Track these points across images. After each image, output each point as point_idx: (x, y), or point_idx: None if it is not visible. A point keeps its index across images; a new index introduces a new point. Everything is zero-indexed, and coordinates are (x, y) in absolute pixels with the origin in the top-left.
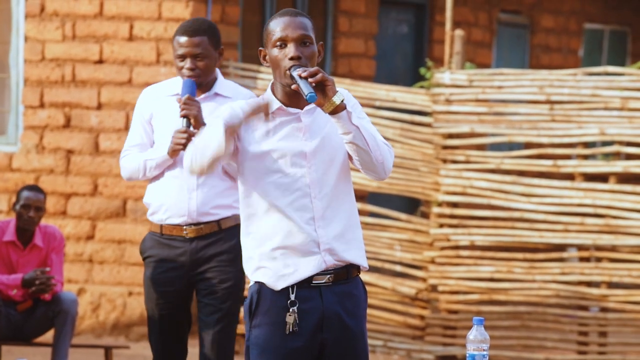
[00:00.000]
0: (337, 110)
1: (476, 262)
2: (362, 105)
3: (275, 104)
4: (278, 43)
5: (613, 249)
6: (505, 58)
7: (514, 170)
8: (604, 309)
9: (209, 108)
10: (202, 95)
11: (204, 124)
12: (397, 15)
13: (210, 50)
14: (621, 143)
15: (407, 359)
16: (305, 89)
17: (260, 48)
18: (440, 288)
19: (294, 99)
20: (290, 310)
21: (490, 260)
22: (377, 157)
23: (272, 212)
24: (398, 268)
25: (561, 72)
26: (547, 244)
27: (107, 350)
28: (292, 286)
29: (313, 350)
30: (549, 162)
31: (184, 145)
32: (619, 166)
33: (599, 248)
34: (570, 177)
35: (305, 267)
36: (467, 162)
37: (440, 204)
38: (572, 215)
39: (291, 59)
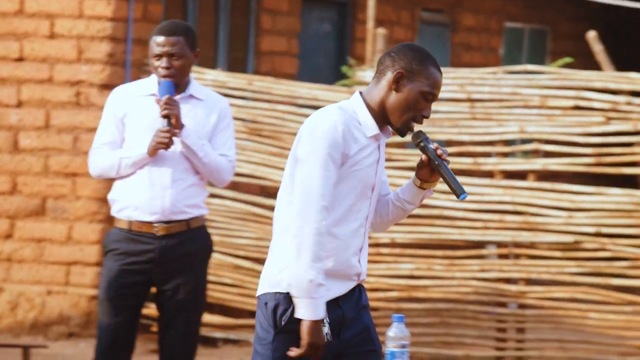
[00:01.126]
0: (426, 187)
1: (396, 259)
2: (284, 103)
3: (374, 127)
4: (428, 95)
5: (532, 245)
6: None
7: None
8: (522, 306)
9: (183, 110)
10: (177, 97)
11: (183, 125)
12: (319, 14)
13: (186, 50)
14: (540, 141)
15: None
16: (456, 185)
17: (402, 70)
18: None
19: (382, 124)
20: (324, 321)
21: (410, 258)
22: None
23: (348, 232)
24: None
25: (482, 71)
26: (467, 241)
27: (25, 349)
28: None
29: (329, 355)
30: (469, 159)
31: (167, 145)
32: (538, 164)
33: (517, 245)
34: (490, 174)
35: (338, 290)
36: (389, 159)
37: None
38: (491, 212)
39: (424, 116)
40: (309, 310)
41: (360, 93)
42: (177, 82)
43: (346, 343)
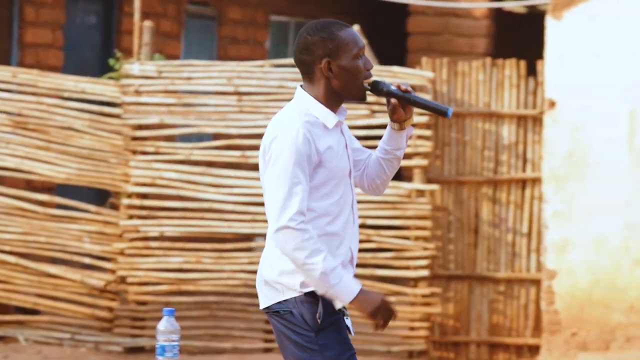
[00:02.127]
0: (408, 124)
1: (165, 253)
2: (50, 96)
3: (333, 118)
4: (359, 55)
5: None
6: (193, 49)
7: (203, 161)
8: None
9: None
10: None
11: None
12: (84, 6)
13: None
14: None
15: (95, 352)
16: (441, 107)
17: (327, 59)
18: (129, 279)
19: (336, 109)
20: (345, 313)
21: (180, 251)
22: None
23: (331, 232)
24: (87, 260)
25: (249, 64)
26: (236, 234)
27: None
28: None
29: None
30: (238, 153)
31: None
32: None
33: None
34: (257, 167)
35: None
36: (157, 153)
37: (129, 196)
38: (259, 205)
39: (367, 70)
40: (343, 294)
41: (302, 86)
42: None
43: None
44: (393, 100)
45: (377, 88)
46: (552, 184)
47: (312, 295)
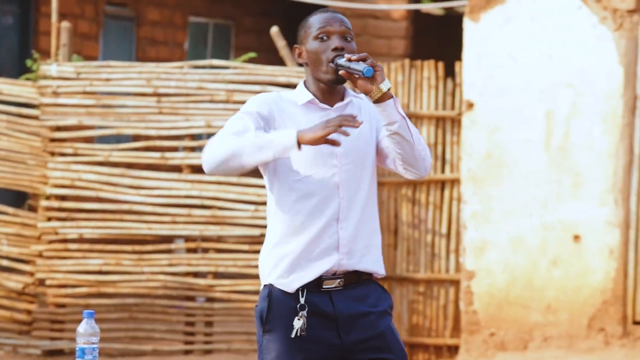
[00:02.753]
0: (383, 98)
1: (85, 255)
2: None
3: (307, 95)
4: (320, 36)
5: (219, 239)
6: (112, 51)
7: (122, 163)
8: (210, 299)
9: None
10: None
11: None
12: (1, 7)
13: None
14: None
15: (14, 355)
16: (360, 66)
17: (296, 45)
18: (48, 282)
19: (327, 95)
20: (300, 314)
21: (99, 253)
22: (419, 151)
23: (298, 212)
24: (4, 262)
25: (168, 65)
26: (156, 235)
27: None
28: (302, 290)
29: (333, 353)
30: (157, 154)
31: None
32: None
33: (205, 239)
34: (178, 168)
35: (317, 269)
36: (75, 154)
37: (48, 197)
38: (179, 206)
39: (335, 49)
40: (284, 142)
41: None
42: None
43: (351, 347)
44: (341, 72)
45: (336, 67)
46: (470, 185)
47: (267, 292)
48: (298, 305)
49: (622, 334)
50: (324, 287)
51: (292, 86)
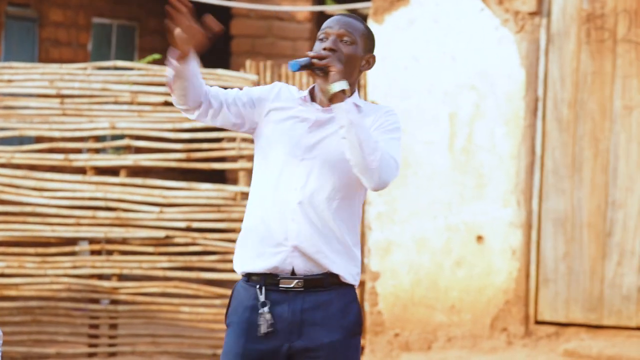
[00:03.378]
0: (334, 99)
1: None
2: None
3: (304, 92)
4: (321, 37)
5: (124, 241)
6: (14, 51)
7: (25, 165)
8: (114, 302)
9: None
10: None
11: None
12: None
13: None
14: (131, 137)
15: None
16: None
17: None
18: None
19: (326, 79)
20: (260, 310)
21: (1, 256)
22: (370, 162)
23: (260, 198)
24: None
25: (71, 66)
26: (59, 237)
27: None
28: (261, 287)
29: (278, 356)
30: (61, 156)
31: None
32: (130, 159)
33: (110, 241)
34: (82, 170)
35: (268, 261)
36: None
37: None
38: (84, 208)
39: (324, 49)
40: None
41: None
42: None
43: (297, 354)
44: (303, 70)
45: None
46: None
47: (233, 287)
48: (260, 303)
49: (524, 333)
50: (280, 286)
51: None
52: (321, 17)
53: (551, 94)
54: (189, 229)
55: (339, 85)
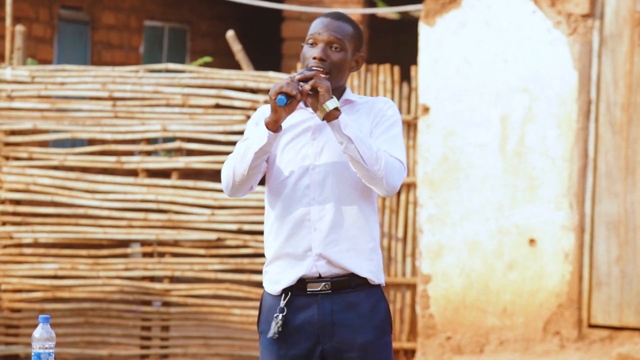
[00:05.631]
0: (329, 117)
1: (40, 259)
2: None
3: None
4: (309, 41)
5: (175, 243)
6: (67, 54)
7: (77, 167)
8: (166, 304)
9: None
10: None
11: None
12: None
13: None
14: (183, 139)
15: None
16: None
17: (302, 44)
18: (3, 287)
19: (317, 98)
20: (275, 314)
21: (54, 258)
22: (375, 172)
23: (278, 213)
24: None
25: (123, 69)
26: (111, 240)
27: None
28: (287, 293)
29: (312, 359)
30: (113, 158)
31: None
32: (181, 162)
33: (161, 243)
34: (133, 173)
35: (295, 272)
36: (30, 159)
37: (2, 202)
38: (135, 211)
39: (314, 58)
40: (257, 135)
41: None
42: None
43: (329, 356)
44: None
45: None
46: (426, 189)
47: (261, 295)
48: (278, 308)
49: (577, 337)
50: (308, 290)
51: (248, 90)
52: (373, 20)
53: (604, 96)
54: (240, 232)
55: (331, 104)
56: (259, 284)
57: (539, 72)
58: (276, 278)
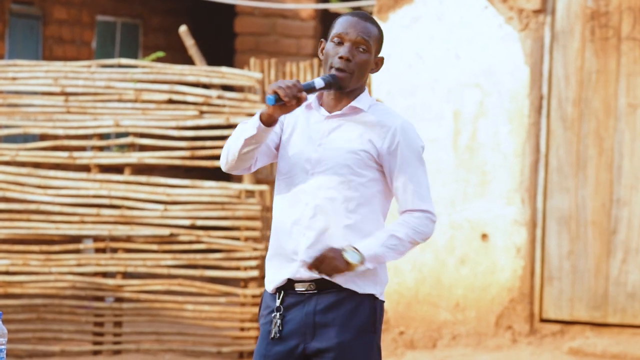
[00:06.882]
0: (359, 266)
1: None
2: None
3: (310, 98)
4: (335, 39)
5: (128, 239)
6: (18, 49)
7: (29, 162)
8: (119, 299)
9: None
10: None
11: None
12: None
13: None
14: (135, 134)
15: None
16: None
17: (322, 39)
18: None
19: (334, 99)
20: (273, 315)
21: (6, 254)
22: (409, 249)
23: (277, 210)
24: None
25: (75, 64)
26: (64, 235)
27: None
28: (280, 292)
29: (294, 357)
30: (65, 153)
31: None
32: (134, 157)
33: (114, 239)
34: (86, 168)
35: (282, 274)
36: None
37: None
38: (88, 206)
39: (340, 57)
40: (251, 122)
41: None
42: None
43: (311, 355)
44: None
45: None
46: None
47: (264, 292)
48: (275, 307)
49: (529, 331)
50: (296, 289)
51: (201, 85)
52: (325, 15)
53: (555, 92)
54: (193, 227)
55: (354, 258)
56: (212, 280)
57: (490, 68)
58: (271, 278)
